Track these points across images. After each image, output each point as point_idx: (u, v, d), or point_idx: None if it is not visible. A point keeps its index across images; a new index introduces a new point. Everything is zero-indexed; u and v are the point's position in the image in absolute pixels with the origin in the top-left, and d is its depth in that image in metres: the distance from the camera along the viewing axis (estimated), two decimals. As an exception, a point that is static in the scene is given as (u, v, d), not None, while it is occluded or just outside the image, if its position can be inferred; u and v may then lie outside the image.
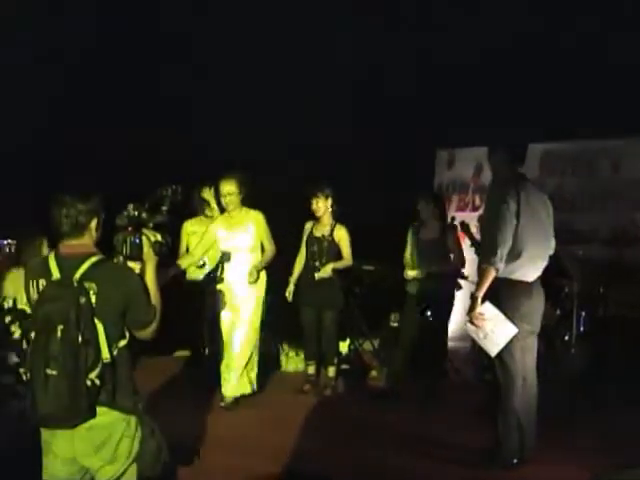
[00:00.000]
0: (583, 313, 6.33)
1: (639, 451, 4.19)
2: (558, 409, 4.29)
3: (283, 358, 6.87)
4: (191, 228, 6.44)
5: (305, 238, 6.04)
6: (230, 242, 5.41)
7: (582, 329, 6.32)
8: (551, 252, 4.18)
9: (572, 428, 4.69)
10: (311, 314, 5.98)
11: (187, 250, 6.51)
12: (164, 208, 2.91)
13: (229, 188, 5.32)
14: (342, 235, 5.96)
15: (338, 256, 5.97)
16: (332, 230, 5.96)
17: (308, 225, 6.08)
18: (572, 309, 6.26)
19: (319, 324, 5.98)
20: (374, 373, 6.62)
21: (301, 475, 4.00)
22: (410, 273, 5.87)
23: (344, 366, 6.67)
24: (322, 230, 5.96)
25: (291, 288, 6.04)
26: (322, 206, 5.90)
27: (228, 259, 5.99)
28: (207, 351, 6.52)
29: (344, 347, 6.81)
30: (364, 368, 6.71)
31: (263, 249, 5.47)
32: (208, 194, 6.23)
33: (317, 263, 5.92)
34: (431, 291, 5.72)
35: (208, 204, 6.23)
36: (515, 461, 4.01)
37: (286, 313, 6.22)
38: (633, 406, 5.30)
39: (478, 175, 7.84)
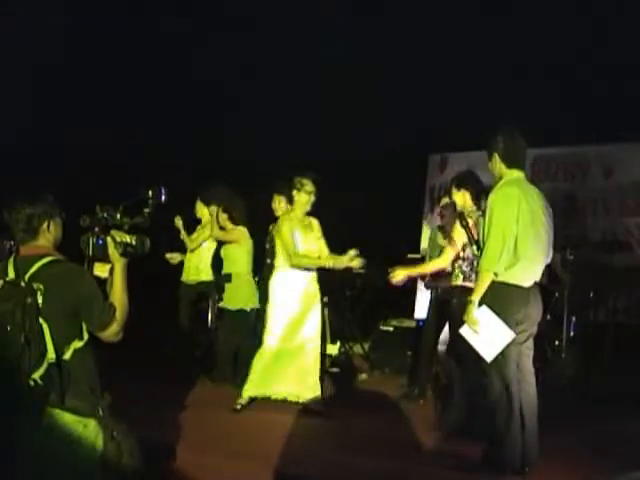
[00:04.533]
0: (573, 318, 6.34)
1: (631, 455, 4.18)
2: (549, 414, 4.27)
3: None
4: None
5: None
6: (305, 245, 5.29)
7: (572, 334, 6.33)
8: (548, 260, 4.14)
9: (563, 433, 4.67)
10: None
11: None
12: (146, 210, 2.88)
13: (314, 188, 5.24)
14: None
15: None
16: None
17: (271, 227, 6.04)
18: (563, 314, 6.27)
19: None
20: (364, 376, 6.60)
21: (290, 478, 3.97)
22: None
23: (334, 369, 6.65)
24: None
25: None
26: (283, 206, 5.88)
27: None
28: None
29: (334, 350, 6.79)
30: (354, 371, 6.69)
31: None
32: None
33: (268, 260, 5.90)
34: None
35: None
36: (517, 466, 3.93)
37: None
38: (624, 410, 5.29)
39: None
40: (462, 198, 4.95)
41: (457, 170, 8.17)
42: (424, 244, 7.99)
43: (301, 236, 5.26)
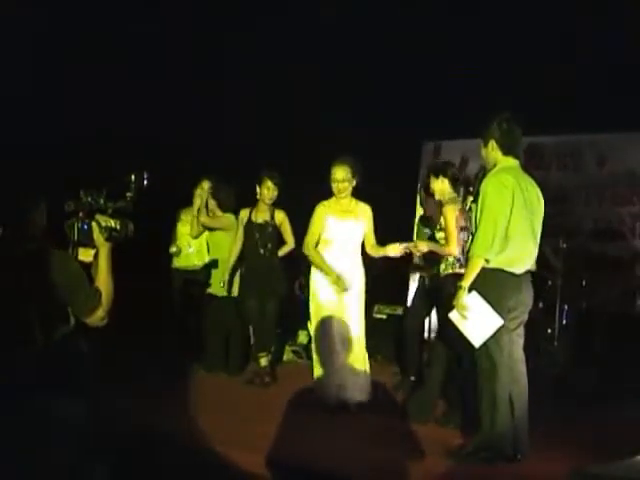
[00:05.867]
0: (566, 306, 6.36)
1: (623, 444, 4.18)
2: (541, 403, 4.28)
3: None
4: (182, 216, 6.56)
5: (243, 226, 5.97)
6: (339, 231, 5.17)
7: (565, 322, 6.34)
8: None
9: (555, 422, 4.69)
10: (254, 304, 5.92)
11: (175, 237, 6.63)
12: (129, 194, 2.86)
13: (343, 174, 5.08)
14: (283, 218, 5.95)
15: (280, 241, 5.96)
16: (273, 215, 5.92)
17: (244, 213, 5.99)
18: (555, 302, 6.28)
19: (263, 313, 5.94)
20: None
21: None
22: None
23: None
24: (262, 216, 5.91)
25: (226, 278, 5.96)
26: (275, 193, 5.83)
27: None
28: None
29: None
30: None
31: None
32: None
33: (262, 251, 5.86)
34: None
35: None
36: (509, 453, 3.96)
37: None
38: (616, 399, 5.31)
39: (464, 167, 7.83)
40: (440, 186, 4.93)
41: (451, 158, 8.22)
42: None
43: (337, 222, 5.16)
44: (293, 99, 7.56)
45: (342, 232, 5.18)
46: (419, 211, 7.87)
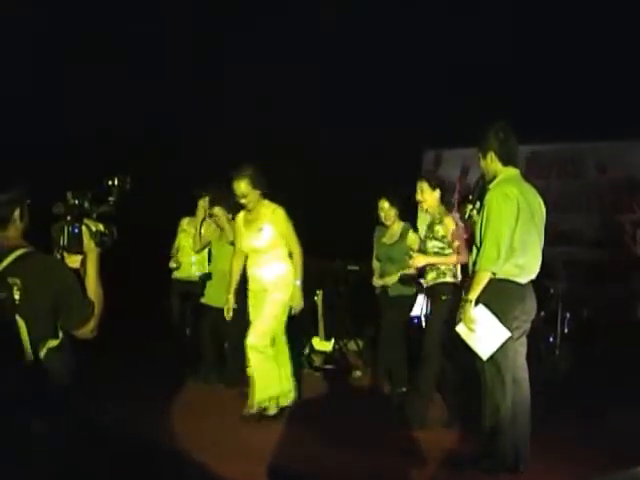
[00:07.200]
0: (567, 314, 6.35)
1: (625, 454, 4.17)
2: (542, 411, 4.27)
3: None
4: (185, 226, 6.47)
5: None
6: (247, 241, 5.08)
7: (566, 330, 6.33)
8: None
9: (556, 430, 4.68)
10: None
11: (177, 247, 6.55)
12: (111, 198, 2.72)
13: (242, 190, 4.91)
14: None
15: None
16: None
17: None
18: (557, 310, 6.27)
19: None
20: (358, 373, 6.58)
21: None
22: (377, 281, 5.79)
23: (329, 366, 6.63)
24: None
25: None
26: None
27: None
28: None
29: (328, 347, 6.76)
30: (348, 368, 6.68)
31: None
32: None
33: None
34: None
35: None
36: (510, 462, 3.94)
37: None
38: (618, 408, 5.30)
39: (464, 176, 7.83)
40: (432, 198, 4.93)
41: (451, 167, 8.24)
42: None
43: (246, 231, 5.09)
44: (292, 105, 7.55)
45: (250, 241, 5.10)
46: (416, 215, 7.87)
